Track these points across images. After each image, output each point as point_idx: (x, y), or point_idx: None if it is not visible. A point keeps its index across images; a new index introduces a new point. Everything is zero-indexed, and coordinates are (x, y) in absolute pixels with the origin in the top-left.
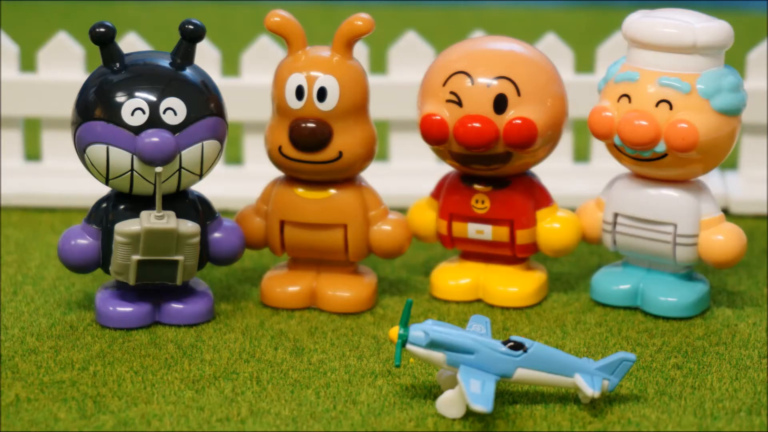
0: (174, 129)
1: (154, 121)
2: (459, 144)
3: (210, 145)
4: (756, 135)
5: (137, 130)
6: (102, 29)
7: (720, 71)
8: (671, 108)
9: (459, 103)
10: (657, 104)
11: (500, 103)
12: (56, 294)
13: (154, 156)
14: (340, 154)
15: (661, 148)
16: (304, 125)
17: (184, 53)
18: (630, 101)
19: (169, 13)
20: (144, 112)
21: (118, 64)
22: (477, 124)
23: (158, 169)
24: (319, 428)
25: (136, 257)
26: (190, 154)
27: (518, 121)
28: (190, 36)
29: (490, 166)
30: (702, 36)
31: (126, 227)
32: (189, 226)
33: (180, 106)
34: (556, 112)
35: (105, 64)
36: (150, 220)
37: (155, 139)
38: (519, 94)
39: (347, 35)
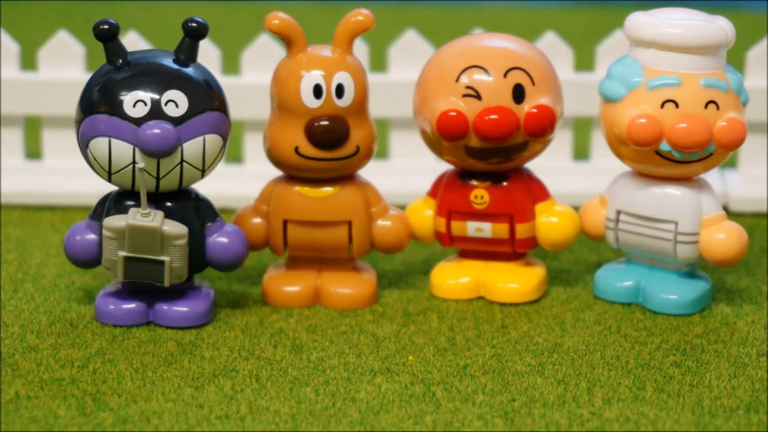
0: (175, 121)
1: (156, 112)
2: (481, 136)
3: (212, 139)
4: (755, 133)
5: (139, 122)
6: (106, 26)
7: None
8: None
9: (478, 97)
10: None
11: (518, 93)
12: (56, 292)
13: (156, 147)
14: (358, 149)
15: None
16: (325, 123)
17: (187, 50)
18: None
19: (169, 13)
20: (146, 104)
21: (121, 60)
22: (497, 116)
23: (140, 164)
24: (317, 426)
25: (122, 253)
26: (191, 147)
27: (534, 110)
28: (194, 34)
29: (509, 157)
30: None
31: (112, 222)
32: (175, 228)
33: (182, 99)
34: (562, 102)
35: (109, 61)
36: (135, 216)
37: (156, 131)
38: (533, 83)
39: (351, 31)
